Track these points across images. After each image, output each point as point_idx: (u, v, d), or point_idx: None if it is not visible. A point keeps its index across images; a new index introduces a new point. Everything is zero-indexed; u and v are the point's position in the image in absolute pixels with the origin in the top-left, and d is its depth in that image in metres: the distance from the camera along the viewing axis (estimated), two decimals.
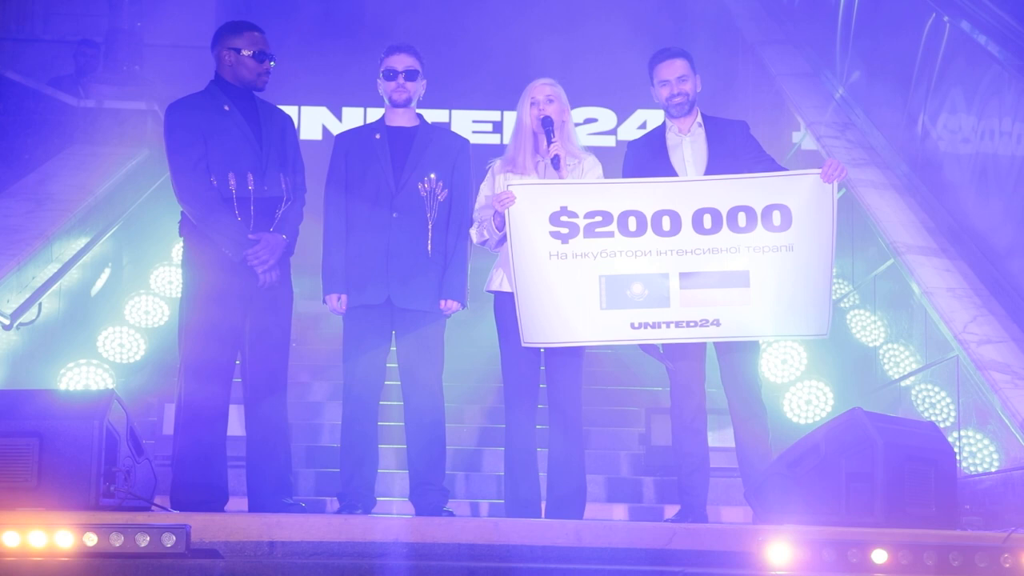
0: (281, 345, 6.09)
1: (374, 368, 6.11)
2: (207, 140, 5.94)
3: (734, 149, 6.08)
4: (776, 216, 5.81)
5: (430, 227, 6.10)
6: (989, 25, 7.75)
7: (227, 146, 5.96)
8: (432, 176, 6.12)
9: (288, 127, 6.22)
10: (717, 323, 5.81)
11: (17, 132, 9.88)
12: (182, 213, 6.03)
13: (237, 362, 6.07)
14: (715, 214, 5.83)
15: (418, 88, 6.19)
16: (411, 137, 6.16)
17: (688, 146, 6.10)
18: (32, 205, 9.08)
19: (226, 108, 6.01)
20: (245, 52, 6.03)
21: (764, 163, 6.06)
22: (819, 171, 5.83)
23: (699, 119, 6.14)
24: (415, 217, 6.09)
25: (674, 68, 6.08)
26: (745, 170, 5.96)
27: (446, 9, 12.86)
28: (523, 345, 5.88)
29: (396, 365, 6.19)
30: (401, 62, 6.15)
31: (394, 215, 6.07)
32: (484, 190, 6.14)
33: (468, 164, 6.25)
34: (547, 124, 5.99)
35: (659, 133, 6.21)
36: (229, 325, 5.95)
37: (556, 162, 5.92)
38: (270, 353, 6.05)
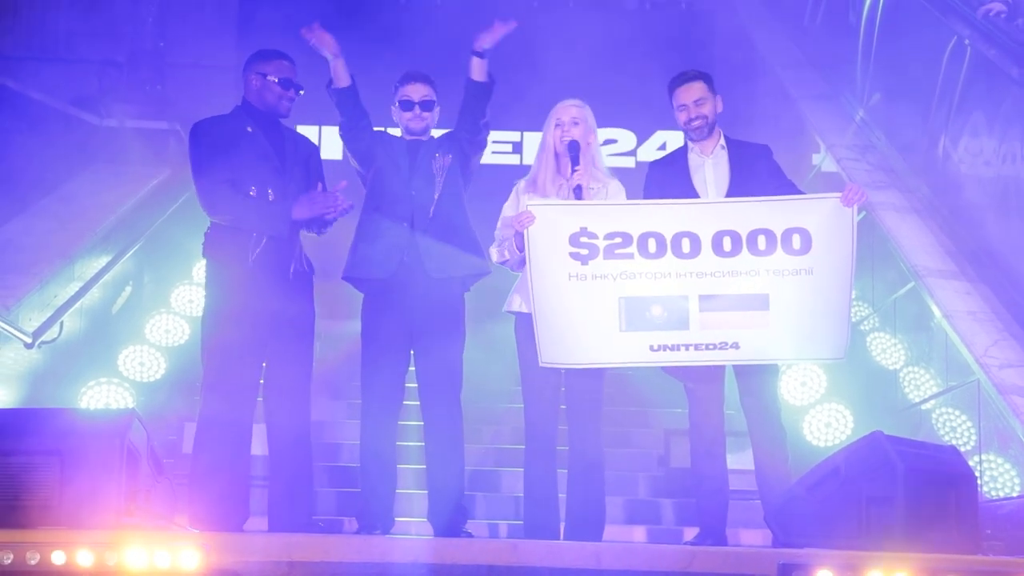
0: (304, 364, 6.11)
1: (392, 387, 6.12)
2: (229, 157, 6.00)
3: (757, 173, 6.06)
4: (796, 239, 5.80)
5: (436, 196, 6.10)
6: (1010, 48, 7.74)
7: (248, 164, 6.03)
8: (440, 153, 6.17)
9: (314, 155, 6.30)
10: (736, 346, 5.80)
11: (40, 151, 9.93)
12: (206, 234, 6.08)
13: (261, 381, 6.10)
14: (735, 237, 5.82)
15: (434, 116, 6.25)
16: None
17: (710, 168, 6.09)
18: (55, 224, 9.12)
19: (249, 129, 6.08)
20: (271, 77, 6.12)
21: (785, 188, 6.04)
22: (839, 195, 5.82)
23: (722, 141, 6.13)
24: (428, 194, 6.12)
25: (691, 91, 6.06)
26: (766, 194, 5.94)
27: (465, 30, 12.87)
28: (541, 365, 5.87)
29: (415, 385, 6.20)
30: (417, 92, 6.20)
31: (412, 193, 6.10)
32: (507, 210, 6.14)
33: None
34: (572, 149, 5.98)
35: (681, 154, 6.20)
36: (251, 344, 5.97)
37: (579, 192, 5.91)
38: (293, 372, 6.07)
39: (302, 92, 6.19)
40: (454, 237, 6.11)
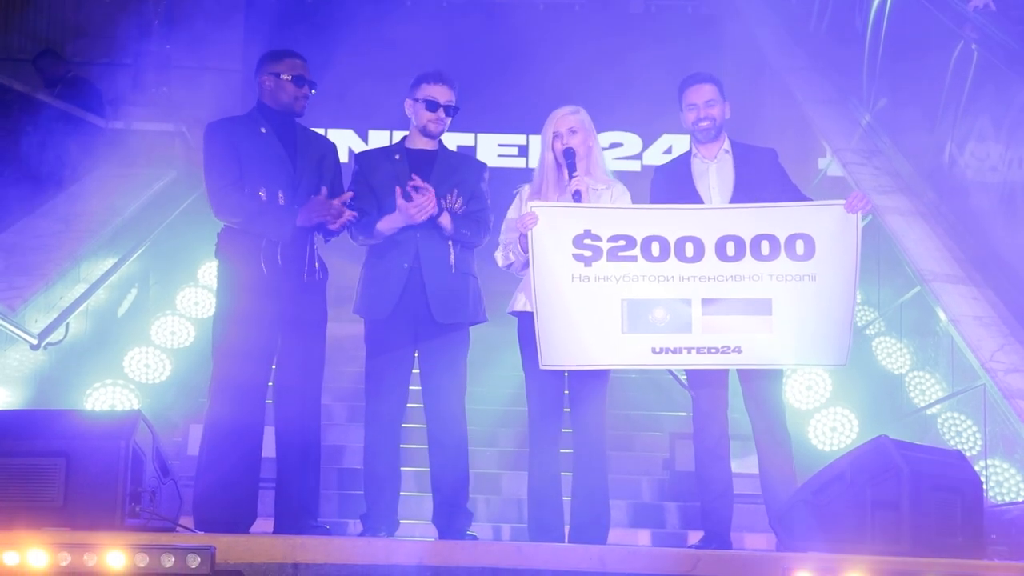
0: (314, 367, 6.11)
1: (396, 391, 6.12)
2: (242, 158, 6.01)
3: (762, 177, 6.07)
4: (799, 245, 5.81)
5: (451, 243, 6.10)
6: (1017, 54, 7.73)
7: (260, 164, 6.02)
8: (454, 193, 6.12)
9: (329, 154, 6.25)
10: (738, 350, 5.80)
11: (47, 153, 9.95)
12: (219, 235, 6.08)
13: (271, 383, 6.10)
14: (738, 242, 5.83)
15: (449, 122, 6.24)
16: (432, 159, 6.17)
17: (714, 173, 6.10)
18: (61, 226, 9.14)
19: (263, 130, 6.08)
20: (284, 76, 6.11)
21: (789, 193, 6.04)
22: (843, 202, 5.83)
23: (727, 145, 6.14)
24: (437, 234, 6.09)
25: (702, 92, 6.09)
26: (770, 199, 5.95)
27: (472, 33, 12.91)
28: (541, 367, 5.87)
29: (418, 388, 6.20)
30: (444, 95, 6.14)
31: (417, 235, 6.08)
32: (511, 214, 6.15)
33: (486, 185, 6.27)
34: (569, 156, 5.96)
35: (685, 159, 6.21)
36: (262, 346, 5.98)
37: (577, 197, 5.90)
38: (303, 375, 6.07)
39: (313, 91, 6.18)
40: (465, 286, 6.12)
